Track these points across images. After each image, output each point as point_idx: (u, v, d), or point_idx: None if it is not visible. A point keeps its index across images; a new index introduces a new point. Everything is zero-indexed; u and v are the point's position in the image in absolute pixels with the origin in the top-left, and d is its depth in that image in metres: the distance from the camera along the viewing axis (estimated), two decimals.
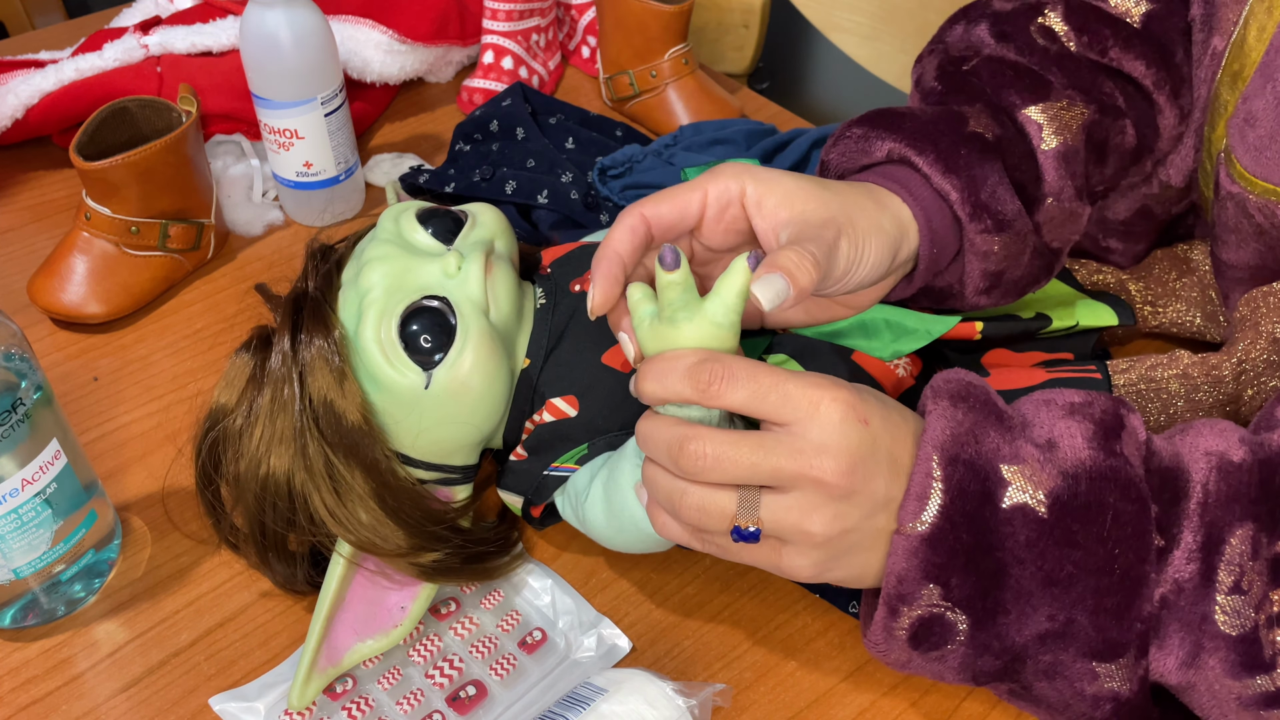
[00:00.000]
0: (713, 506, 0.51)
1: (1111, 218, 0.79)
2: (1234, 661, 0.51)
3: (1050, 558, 0.51)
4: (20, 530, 0.61)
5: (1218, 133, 0.68)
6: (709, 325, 0.52)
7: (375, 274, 0.61)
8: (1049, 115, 0.65)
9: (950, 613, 0.52)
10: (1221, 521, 0.51)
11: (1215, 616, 0.51)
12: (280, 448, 0.60)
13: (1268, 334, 0.68)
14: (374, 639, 0.62)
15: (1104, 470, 0.51)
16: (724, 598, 0.66)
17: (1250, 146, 0.63)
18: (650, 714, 0.56)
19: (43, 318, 0.84)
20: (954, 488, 0.50)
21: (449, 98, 1.08)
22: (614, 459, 0.59)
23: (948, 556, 0.50)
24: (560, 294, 0.66)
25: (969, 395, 0.53)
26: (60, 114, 0.93)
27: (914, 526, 0.50)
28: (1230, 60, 0.66)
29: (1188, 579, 0.51)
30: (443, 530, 0.62)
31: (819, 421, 0.50)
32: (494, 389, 0.61)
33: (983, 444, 0.51)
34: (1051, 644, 0.52)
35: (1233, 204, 0.66)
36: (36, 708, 0.61)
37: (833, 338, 0.64)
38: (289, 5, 0.82)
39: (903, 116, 0.64)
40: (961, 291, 0.66)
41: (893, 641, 0.53)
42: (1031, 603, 0.51)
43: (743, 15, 1.27)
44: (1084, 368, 0.69)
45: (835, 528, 0.50)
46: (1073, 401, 0.54)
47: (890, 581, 0.52)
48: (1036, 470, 0.51)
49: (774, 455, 0.49)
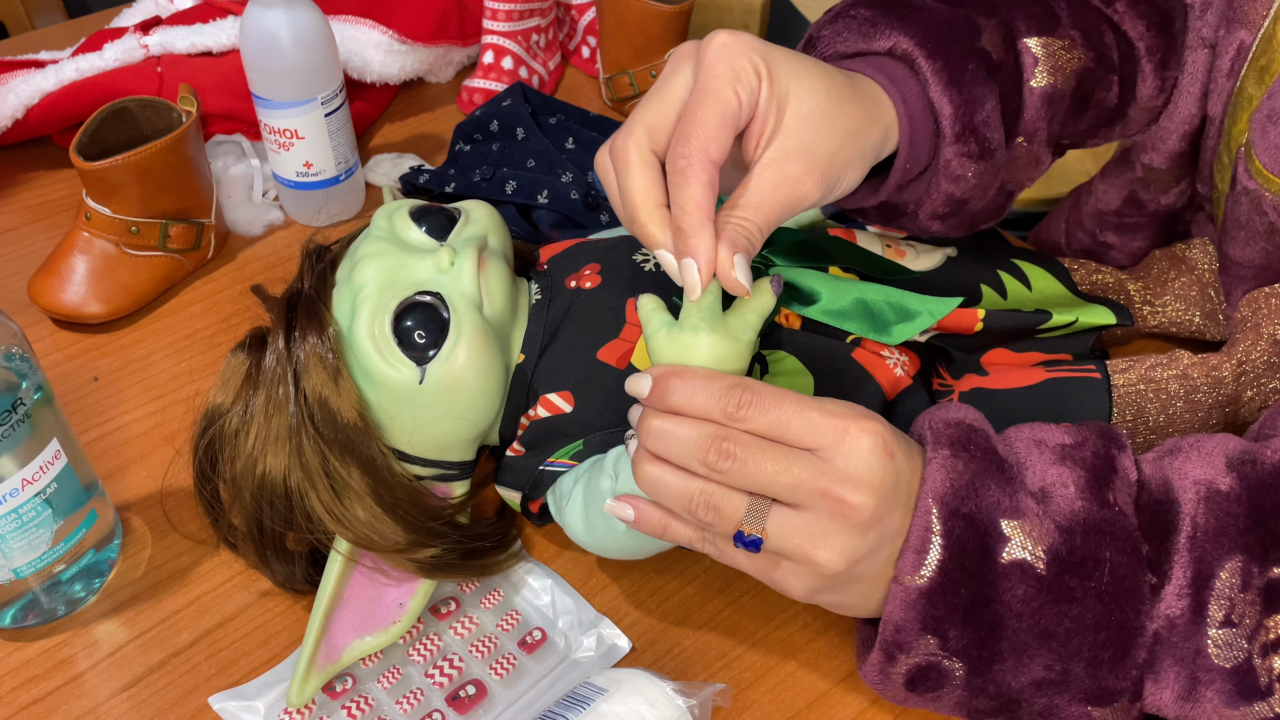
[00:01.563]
0: (725, 507, 0.51)
1: (1104, 209, 0.79)
2: (1230, 692, 0.51)
3: (1047, 614, 0.50)
4: (20, 530, 0.61)
5: (1239, 126, 0.67)
6: (729, 340, 0.52)
7: (369, 271, 0.61)
8: (1048, 51, 0.62)
9: (946, 661, 0.52)
10: (1210, 556, 0.51)
11: (1208, 650, 0.51)
12: (276, 447, 0.60)
13: (1268, 335, 0.68)
14: (373, 636, 0.62)
15: (1098, 523, 0.51)
16: (724, 598, 0.66)
17: (1271, 144, 0.63)
18: (650, 714, 0.56)
19: (43, 318, 0.84)
20: (954, 543, 0.50)
21: (449, 98, 1.08)
22: (595, 467, 0.59)
23: (946, 610, 0.50)
24: (556, 290, 0.66)
25: (970, 442, 0.52)
26: (60, 114, 0.93)
27: (913, 579, 0.50)
28: (1258, 54, 0.65)
29: (1179, 615, 0.51)
30: (440, 526, 0.62)
31: (845, 449, 0.49)
32: (488, 384, 0.62)
33: (983, 497, 0.51)
34: (1047, 690, 0.52)
35: (1247, 200, 0.66)
36: (37, 708, 0.61)
37: (838, 320, 0.63)
38: (289, 5, 0.82)
39: (916, 9, 0.60)
40: (916, 212, 0.63)
41: (889, 683, 0.54)
42: (1028, 653, 0.51)
43: (743, 15, 1.27)
44: (1084, 367, 0.69)
45: (844, 559, 0.50)
46: (1063, 443, 0.53)
47: (888, 630, 0.51)
48: (1035, 525, 0.51)
49: (797, 468, 0.49)
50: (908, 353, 0.66)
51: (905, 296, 0.64)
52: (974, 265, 0.71)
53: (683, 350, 0.53)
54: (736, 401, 0.50)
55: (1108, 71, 0.66)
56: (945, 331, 0.67)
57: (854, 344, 0.64)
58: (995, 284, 0.71)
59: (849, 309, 0.63)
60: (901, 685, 0.53)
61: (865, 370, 0.64)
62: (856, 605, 0.53)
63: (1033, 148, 0.64)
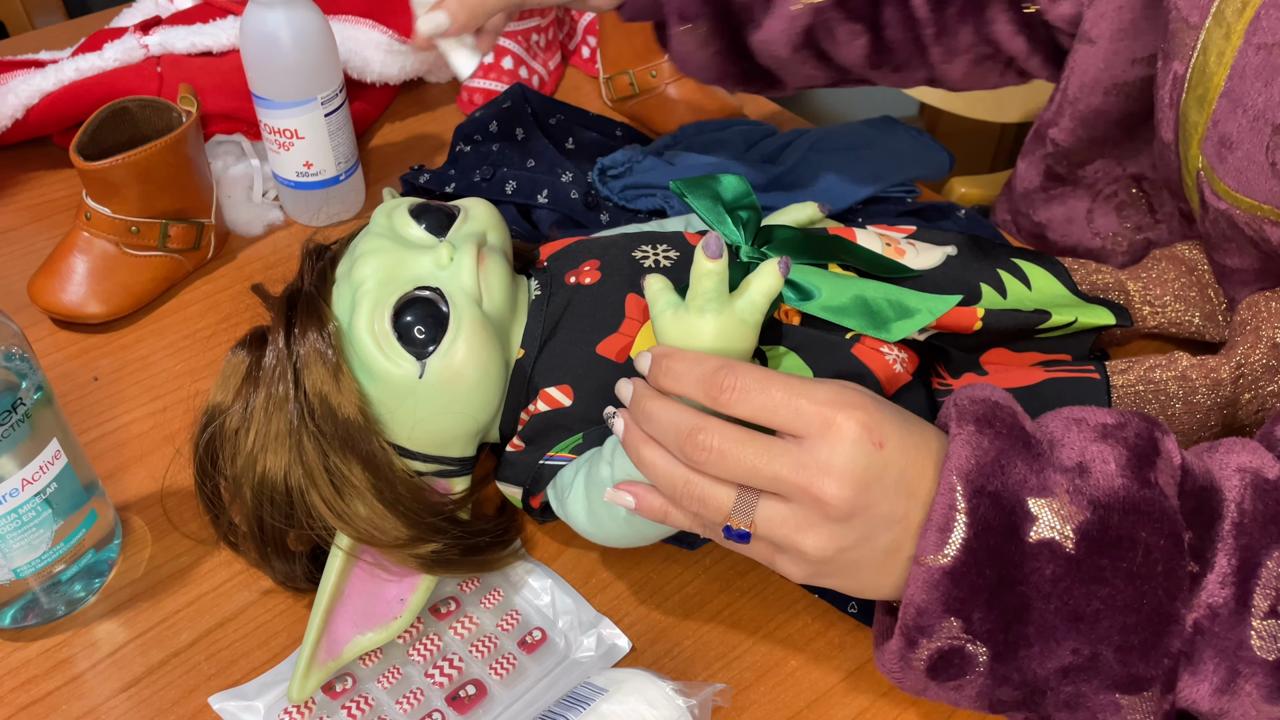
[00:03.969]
0: (711, 500, 0.51)
1: (1029, 187, 0.85)
2: (1271, 687, 0.50)
3: (1077, 594, 0.49)
4: (20, 530, 0.61)
5: (1192, 152, 0.67)
6: (735, 321, 0.53)
7: (368, 267, 0.61)
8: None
9: (970, 645, 0.50)
10: (1258, 544, 0.50)
11: (1251, 642, 0.50)
12: (276, 444, 0.60)
13: (1268, 339, 0.68)
14: (374, 632, 0.62)
15: (1137, 502, 0.50)
16: (724, 598, 0.66)
17: (1231, 169, 0.63)
18: (650, 714, 0.56)
19: (43, 318, 0.84)
20: (979, 521, 0.49)
21: (449, 98, 1.08)
22: (594, 456, 0.60)
23: (970, 591, 0.49)
24: (555, 286, 0.66)
25: (995, 419, 0.51)
26: (60, 114, 0.93)
27: (936, 559, 0.49)
28: (1193, 84, 0.66)
29: (1222, 604, 0.50)
30: (441, 522, 0.63)
31: (829, 440, 0.49)
32: (488, 378, 0.62)
33: (1009, 475, 0.50)
34: (1074, 677, 0.51)
35: (1223, 219, 0.66)
36: (36, 708, 0.61)
37: (837, 316, 0.63)
38: (289, 5, 0.82)
39: None
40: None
41: (909, 670, 0.53)
42: (1055, 637, 0.50)
43: None
44: (1083, 368, 0.69)
45: (830, 548, 0.50)
46: (1105, 423, 0.52)
47: (909, 613, 0.50)
48: (1065, 503, 0.50)
49: (777, 462, 0.49)
50: (907, 350, 0.66)
51: (905, 294, 0.64)
52: (974, 264, 0.71)
53: (688, 330, 0.53)
54: (721, 385, 0.50)
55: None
56: (944, 330, 0.67)
57: (853, 339, 0.64)
58: (995, 283, 0.71)
59: (848, 305, 0.63)
60: (923, 673, 0.52)
61: (864, 365, 0.64)
62: (865, 588, 0.53)
63: None
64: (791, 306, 0.65)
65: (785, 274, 0.53)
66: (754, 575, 0.67)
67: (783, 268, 0.53)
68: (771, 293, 0.53)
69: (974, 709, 0.54)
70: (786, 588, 0.67)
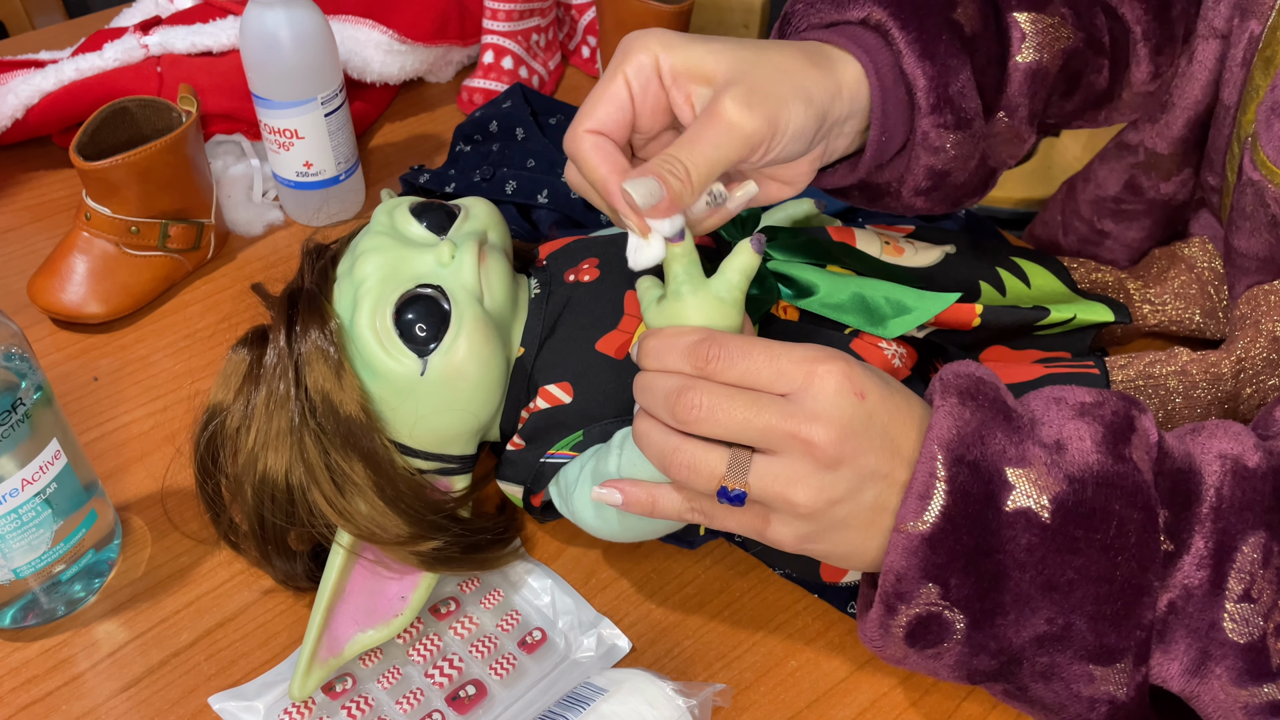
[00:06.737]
0: (703, 464, 0.51)
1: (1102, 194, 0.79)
2: (1241, 669, 0.51)
3: (1051, 563, 0.50)
4: (20, 530, 0.61)
5: (1248, 117, 0.67)
6: (713, 300, 0.53)
7: (370, 264, 0.61)
8: (1037, 28, 0.63)
9: (948, 611, 0.51)
10: (1234, 529, 0.51)
11: (1224, 624, 0.51)
12: (277, 442, 0.60)
13: (1268, 332, 0.68)
14: (375, 629, 0.62)
15: (1110, 476, 0.51)
16: (724, 598, 0.66)
17: (1275, 136, 0.63)
18: (650, 714, 0.56)
19: (43, 318, 0.84)
20: (958, 489, 0.50)
21: (449, 98, 1.08)
22: (601, 450, 0.60)
23: (948, 557, 0.50)
24: (555, 283, 0.67)
25: (978, 392, 0.52)
26: (60, 114, 0.93)
27: (915, 525, 0.50)
28: (1264, 45, 0.65)
29: (1197, 585, 0.51)
30: (442, 519, 0.63)
31: (813, 391, 0.50)
32: (489, 375, 0.62)
33: (989, 445, 0.51)
34: (1049, 646, 0.52)
35: (1252, 191, 0.66)
36: (36, 708, 0.61)
37: (835, 313, 0.63)
38: (289, 5, 0.82)
39: None
40: (899, 190, 0.63)
41: (889, 638, 0.53)
42: (1030, 605, 0.51)
43: (743, 15, 1.27)
44: (1083, 364, 0.69)
45: (821, 499, 0.50)
46: (1083, 401, 0.53)
47: (888, 579, 0.51)
48: (1042, 474, 0.51)
49: (766, 413, 0.50)
50: (905, 346, 0.66)
51: (903, 292, 0.64)
52: (973, 262, 0.72)
53: (672, 316, 0.54)
54: (705, 355, 0.51)
55: (1097, 54, 0.66)
56: (943, 327, 0.67)
57: (852, 335, 0.65)
58: (994, 281, 0.71)
59: (846, 302, 0.64)
60: (902, 640, 0.53)
61: (862, 359, 0.64)
62: (849, 555, 0.53)
63: (1014, 123, 0.64)
64: (790, 303, 0.65)
65: (759, 251, 0.54)
66: (754, 575, 0.67)
67: (755, 245, 0.54)
68: (747, 269, 0.54)
69: (953, 679, 0.55)
70: (787, 587, 0.67)
